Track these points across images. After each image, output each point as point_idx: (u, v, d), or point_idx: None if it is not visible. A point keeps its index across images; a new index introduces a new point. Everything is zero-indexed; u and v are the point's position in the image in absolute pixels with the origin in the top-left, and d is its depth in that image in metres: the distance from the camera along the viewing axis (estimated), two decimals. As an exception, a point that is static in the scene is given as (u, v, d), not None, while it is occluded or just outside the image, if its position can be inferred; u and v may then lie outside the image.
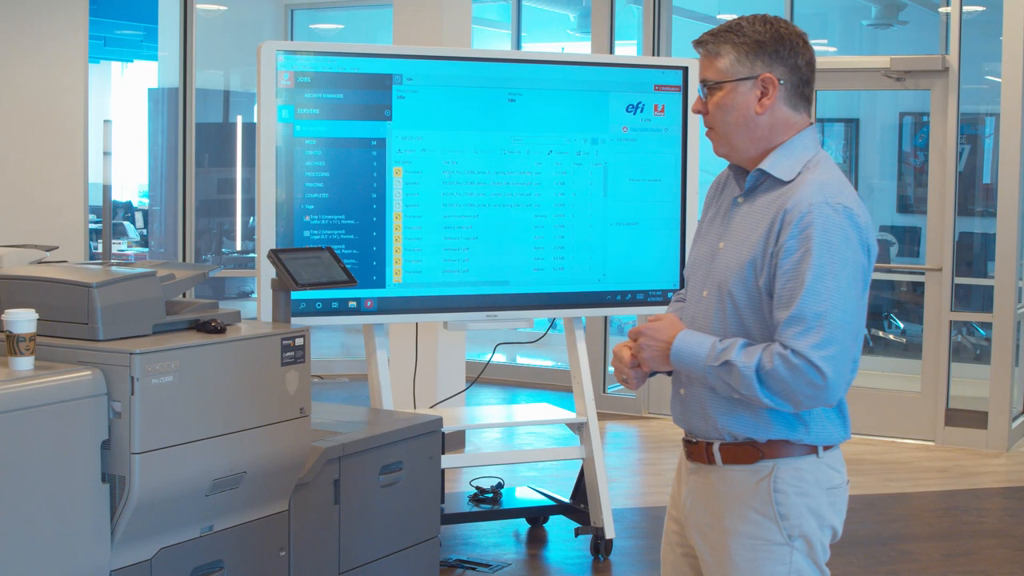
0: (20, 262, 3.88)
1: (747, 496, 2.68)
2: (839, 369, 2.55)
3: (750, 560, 2.68)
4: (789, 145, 2.70)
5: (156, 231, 11.44)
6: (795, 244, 2.56)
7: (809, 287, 2.53)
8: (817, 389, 2.54)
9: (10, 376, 3.12)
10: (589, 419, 5.48)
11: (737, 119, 2.69)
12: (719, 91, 2.69)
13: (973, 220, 8.80)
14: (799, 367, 2.52)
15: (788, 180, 2.66)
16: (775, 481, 2.67)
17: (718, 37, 2.70)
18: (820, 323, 2.52)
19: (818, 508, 2.71)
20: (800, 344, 2.52)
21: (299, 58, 4.95)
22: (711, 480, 2.74)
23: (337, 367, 10.00)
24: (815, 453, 2.71)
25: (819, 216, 2.56)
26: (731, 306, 2.66)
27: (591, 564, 5.48)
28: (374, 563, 4.12)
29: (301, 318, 4.75)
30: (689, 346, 2.64)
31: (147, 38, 13.52)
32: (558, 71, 5.42)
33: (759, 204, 2.68)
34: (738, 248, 2.68)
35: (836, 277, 2.54)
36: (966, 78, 7.94)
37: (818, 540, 2.71)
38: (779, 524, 2.66)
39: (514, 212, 5.32)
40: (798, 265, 2.55)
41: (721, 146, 2.75)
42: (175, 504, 3.36)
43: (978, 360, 8.77)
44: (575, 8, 12.06)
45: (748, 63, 2.67)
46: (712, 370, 2.60)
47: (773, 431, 2.67)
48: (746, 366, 2.56)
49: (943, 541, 5.97)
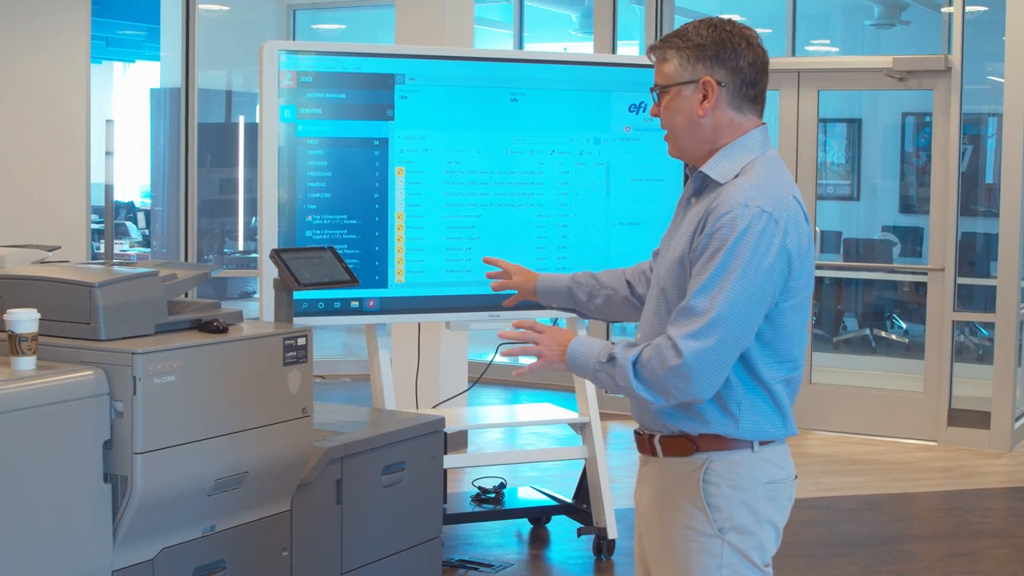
0: (22, 262, 3.88)
1: (682, 487, 2.72)
2: (704, 364, 2.56)
3: (682, 550, 2.71)
4: (731, 147, 2.73)
5: (158, 231, 11.45)
6: (706, 243, 2.61)
7: (704, 284, 2.58)
8: (677, 376, 2.56)
9: (12, 376, 3.12)
10: (591, 419, 5.47)
11: (682, 122, 2.75)
12: (666, 95, 2.75)
13: (975, 220, 8.79)
14: (663, 349, 2.58)
15: (723, 182, 2.69)
16: (706, 473, 2.69)
17: (665, 43, 2.76)
18: (701, 317, 2.56)
19: (753, 502, 2.70)
20: (674, 331, 2.58)
21: (301, 58, 4.95)
22: (654, 472, 2.80)
23: (340, 367, 10.00)
24: (750, 448, 2.71)
25: (734, 218, 2.58)
26: (665, 304, 2.72)
27: (593, 564, 5.48)
28: (376, 563, 4.11)
29: (303, 318, 4.75)
30: (582, 346, 2.70)
31: (149, 38, 13.53)
32: (560, 71, 5.42)
33: (700, 205, 2.72)
34: (675, 247, 2.74)
35: (736, 280, 2.56)
36: (968, 78, 7.93)
37: (753, 535, 2.71)
38: (708, 516, 2.69)
39: (516, 212, 5.32)
40: (705, 264, 2.59)
41: (672, 148, 2.81)
42: (177, 504, 3.36)
43: (981, 360, 8.77)
44: (577, 8, 12.06)
45: (690, 67, 2.71)
46: (600, 366, 2.65)
47: (704, 425, 2.70)
48: (625, 358, 2.62)
49: (946, 541, 5.96)
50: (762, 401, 2.69)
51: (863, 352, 9.85)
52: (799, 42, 8.86)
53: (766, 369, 2.67)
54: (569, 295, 3.14)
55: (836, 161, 10.10)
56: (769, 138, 2.78)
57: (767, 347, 2.66)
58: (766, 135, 2.77)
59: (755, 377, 2.67)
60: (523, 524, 5.99)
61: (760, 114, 2.78)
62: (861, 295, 10.05)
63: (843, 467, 7.33)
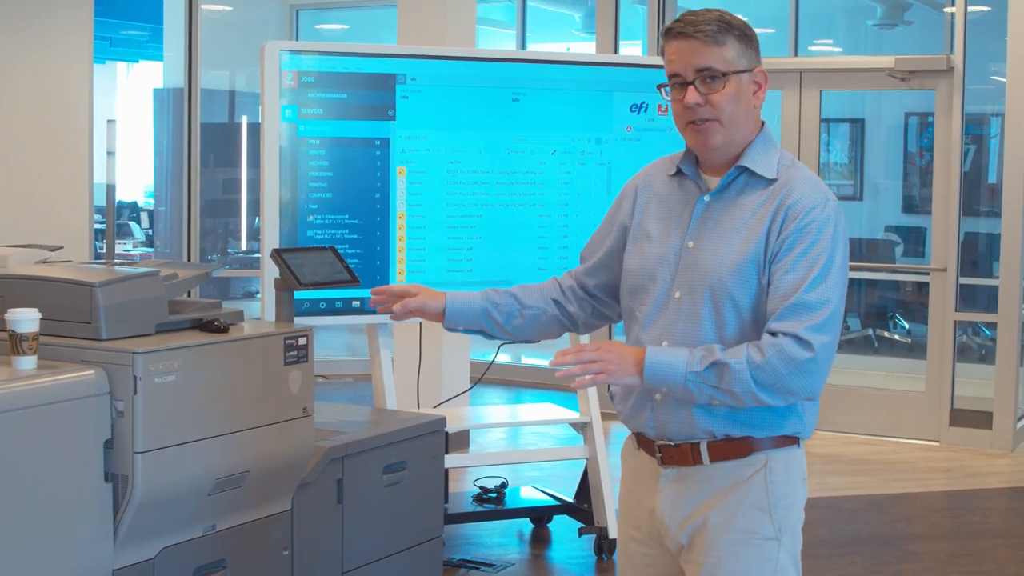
0: (24, 262, 3.88)
1: (740, 490, 2.65)
2: (829, 357, 2.54)
3: (736, 556, 2.64)
4: (761, 142, 2.69)
5: (161, 231, 11.45)
6: (797, 238, 2.56)
7: (815, 278, 2.54)
8: (806, 373, 2.51)
9: (13, 375, 3.12)
10: (593, 419, 5.48)
11: (743, 111, 2.66)
12: (726, 81, 2.63)
13: (978, 220, 8.79)
14: (785, 347, 2.50)
15: (772, 177, 2.65)
16: (770, 473, 2.65)
17: (717, 26, 2.62)
18: (822, 311, 2.52)
19: (799, 500, 2.72)
20: (791, 326, 2.51)
21: (303, 58, 4.95)
22: (695, 481, 2.69)
23: (342, 367, 10.00)
24: (797, 444, 2.71)
25: (823, 212, 2.58)
26: (730, 305, 2.62)
27: (595, 564, 5.48)
28: (377, 563, 4.11)
29: (305, 318, 4.75)
30: (663, 357, 2.56)
31: (152, 38, 13.53)
32: (562, 71, 5.42)
33: (744, 201, 2.65)
34: (728, 246, 2.63)
35: (837, 271, 2.57)
36: (971, 78, 7.93)
37: (799, 532, 2.71)
38: (772, 517, 2.65)
39: (518, 212, 5.32)
40: (802, 258, 2.55)
41: (718, 138, 2.66)
42: (178, 503, 3.36)
43: (983, 360, 8.76)
44: (580, 8, 12.06)
45: (746, 56, 2.65)
46: (695, 376, 2.53)
47: (774, 427, 2.65)
48: (737, 362, 2.52)
49: (947, 541, 5.96)
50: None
51: (865, 352, 9.85)
52: (802, 42, 8.87)
53: None
54: (484, 317, 2.92)
55: (839, 161, 10.10)
56: None
57: None
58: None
59: None
60: (524, 524, 5.99)
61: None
62: (864, 295, 10.05)
63: (845, 467, 7.33)
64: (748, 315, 2.62)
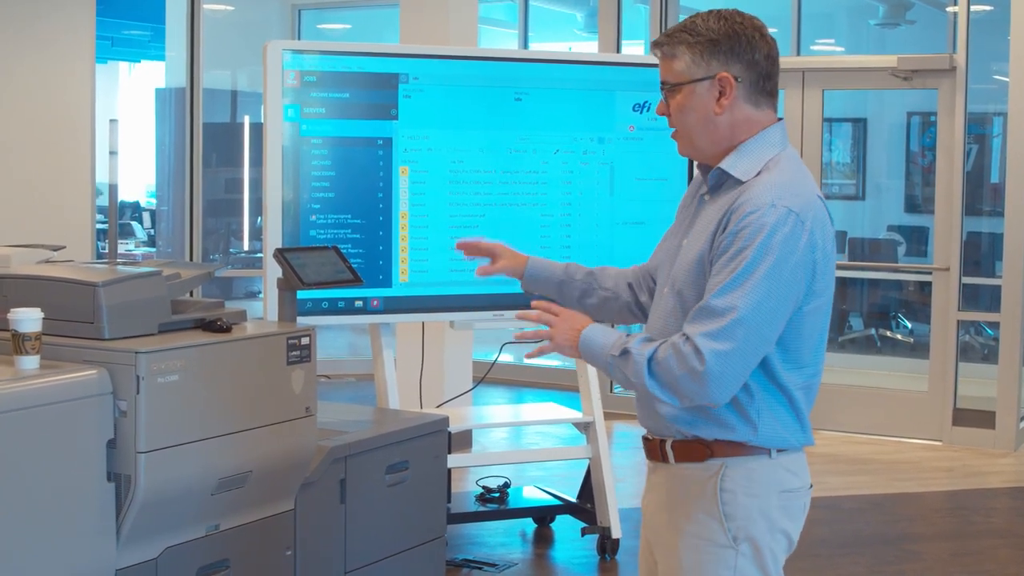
0: (27, 262, 3.88)
1: (695, 495, 2.62)
2: (725, 367, 2.45)
3: (694, 561, 2.61)
4: (751, 143, 2.63)
5: (164, 231, 11.46)
6: (730, 242, 2.50)
7: (727, 284, 2.47)
8: (696, 379, 2.45)
9: (16, 375, 3.12)
10: (596, 419, 5.47)
11: (697, 120, 2.63)
12: (677, 93, 2.62)
13: (981, 220, 8.79)
14: (684, 352, 2.46)
15: (745, 180, 2.60)
16: (723, 480, 2.60)
17: (672, 38, 2.62)
18: (724, 317, 2.45)
19: (768, 510, 2.61)
20: (694, 330, 2.48)
21: (305, 57, 4.95)
22: (665, 479, 2.69)
23: (345, 367, 10.00)
24: (768, 455, 2.62)
25: (761, 217, 2.48)
26: (680, 306, 2.61)
27: (597, 564, 5.47)
28: (380, 562, 4.11)
29: (308, 317, 4.75)
30: (596, 335, 2.58)
31: (154, 38, 13.54)
32: (564, 70, 5.41)
33: (719, 203, 2.62)
34: (692, 246, 2.64)
35: (761, 281, 2.46)
36: (974, 77, 7.92)
37: (767, 545, 2.61)
38: (724, 525, 2.59)
39: (520, 211, 5.32)
40: (728, 263, 2.49)
41: (684, 147, 2.68)
42: (180, 503, 3.36)
43: (986, 360, 8.76)
44: (582, 8, 12.06)
45: (704, 63, 2.59)
46: (613, 360, 2.54)
47: (721, 430, 2.60)
48: (640, 354, 2.51)
49: (950, 541, 5.96)
50: (781, 407, 2.59)
51: (868, 352, 9.85)
52: (804, 41, 8.86)
53: (785, 374, 2.56)
54: (559, 289, 2.98)
55: (841, 160, 10.10)
56: (787, 135, 2.70)
57: (787, 351, 2.56)
58: (784, 131, 2.69)
59: (774, 382, 2.57)
60: (527, 523, 5.99)
61: (775, 108, 2.68)
62: (866, 295, 10.05)
63: (847, 467, 7.32)
64: None
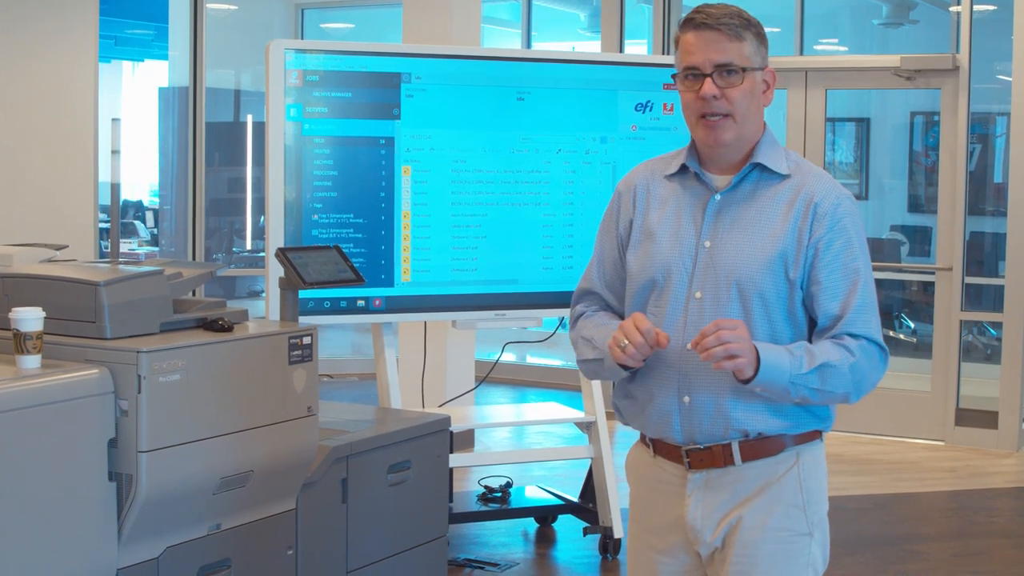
0: (29, 261, 3.89)
1: (774, 488, 2.64)
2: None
3: (772, 553, 2.63)
4: (769, 140, 2.70)
5: (167, 230, 11.46)
6: (834, 235, 2.61)
7: (865, 277, 2.61)
8: (879, 370, 2.62)
9: (17, 374, 3.12)
10: (598, 418, 5.47)
11: (756, 108, 2.66)
12: (742, 77, 2.61)
13: (984, 219, 8.77)
14: (875, 354, 2.59)
15: (786, 173, 2.66)
16: (802, 469, 2.66)
17: (739, 21, 2.61)
18: (876, 310, 2.61)
19: (825, 492, 2.74)
20: (871, 330, 2.59)
21: (308, 57, 4.95)
22: (726, 482, 2.66)
23: (347, 366, 10.00)
24: (820, 438, 2.72)
25: (848, 208, 2.65)
26: (759, 302, 2.59)
27: (599, 563, 5.47)
28: (382, 562, 4.11)
29: (310, 317, 4.75)
30: (773, 359, 2.51)
31: (158, 37, 13.53)
32: (567, 70, 5.41)
33: (761, 197, 2.65)
34: (753, 242, 2.61)
35: (869, 266, 2.64)
36: (977, 77, 7.92)
37: (826, 524, 2.73)
38: (806, 513, 2.66)
39: (523, 211, 5.32)
40: (843, 255, 2.60)
41: (729, 134, 2.62)
42: (182, 502, 3.36)
43: (988, 360, 8.74)
44: (585, 7, 12.06)
45: (759, 54, 2.65)
46: (801, 377, 2.52)
47: (805, 421, 2.66)
48: (842, 363, 2.55)
49: (952, 541, 5.96)
50: None
51: (871, 351, 9.82)
52: (807, 41, 8.85)
53: None
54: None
55: (844, 160, 10.08)
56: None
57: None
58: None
59: None
60: (529, 523, 5.98)
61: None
62: (869, 294, 10.02)
63: (850, 467, 7.32)
64: (776, 312, 2.61)
